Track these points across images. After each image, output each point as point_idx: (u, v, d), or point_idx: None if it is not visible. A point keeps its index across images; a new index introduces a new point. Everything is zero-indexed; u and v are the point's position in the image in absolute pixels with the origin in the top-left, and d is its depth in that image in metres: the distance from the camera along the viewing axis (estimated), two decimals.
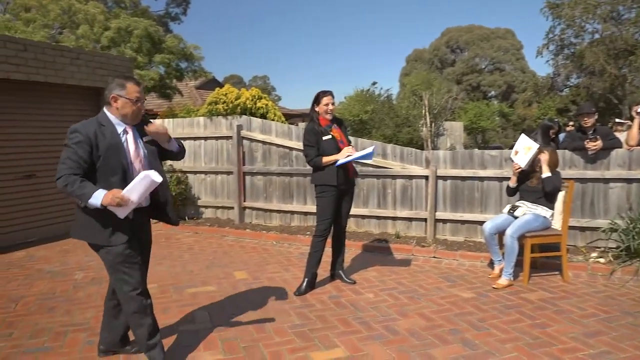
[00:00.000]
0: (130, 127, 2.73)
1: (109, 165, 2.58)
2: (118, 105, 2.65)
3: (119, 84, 2.66)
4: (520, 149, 4.54)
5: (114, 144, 2.60)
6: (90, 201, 2.46)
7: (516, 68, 42.28)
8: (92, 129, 2.57)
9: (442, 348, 3.06)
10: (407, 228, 6.19)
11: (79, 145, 2.52)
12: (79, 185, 2.46)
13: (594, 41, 21.74)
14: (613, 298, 4.00)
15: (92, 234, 2.64)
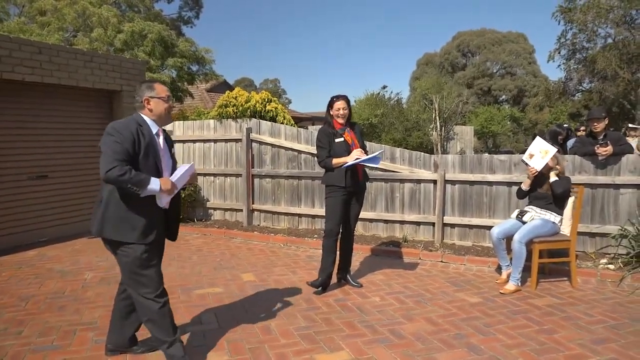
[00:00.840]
0: (161, 131, 2.84)
1: (147, 163, 2.66)
2: (152, 107, 2.75)
3: (148, 87, 2.77)
4: (535, 152, 4.48)
5: (152, 144, 2.70)
6: (150, 187, 2.57)
7: (527, 72, 42.02)
8: (134, 126, 2.65)
9: (447, 352, 3.05)
10: (415, 232, 6.18)
11: (125, 140, 2.57)
12: (135, 173, 2.54)
13: (606, 46, 21.53)
14: (622, 305, 3.96)
15: (123, 232, 2.65)
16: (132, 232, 2.64)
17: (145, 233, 2.68)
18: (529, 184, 4.58)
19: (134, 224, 2.65)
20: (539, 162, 4.43)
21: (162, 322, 2.75)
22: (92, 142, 7.04)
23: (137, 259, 2.67)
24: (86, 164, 6.82)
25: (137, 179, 2.53)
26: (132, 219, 2.65)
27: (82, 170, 6.81)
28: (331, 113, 4.24)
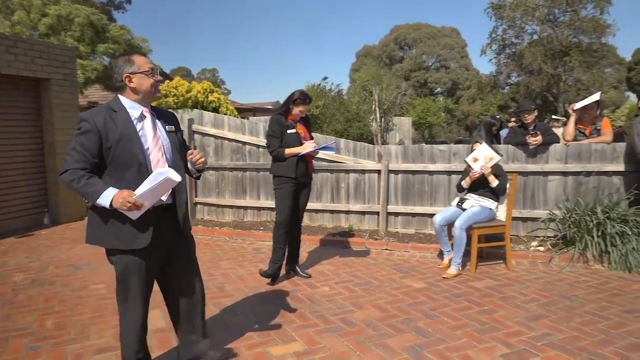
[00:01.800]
0: (148, 111, 2.39)
1: (121, 158, 2.26)
2: (134, 84, 2.33)
3: (125, 61, 2.34)
4: (480, 157, 4.65)
5: (126, 134, 2.27)
6: (98, 201, 2.18)
7: (461, 66, 43.84)
8: (102, 117, 2.26)
9: (397, 337, 3.15)
10: (360, 221, 6.30)
11: (86, 136, 2.23)
12: (86, 182, 2.19)
13: (532, 42, 22.89)
14: (552, 283, 4.27)
15: (107, 237, 2.31)
16: (118, 236, 2.29)
17: (137, 236, 2.29)
18: (469, 184, 4.77)
19: (121, 227, 2.28)
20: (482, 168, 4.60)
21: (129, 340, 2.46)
22: (18, 133, 6.56)
23: (128, 267, 2.33)
24: (10, 158, 6.34)
25: (84, 190, 2.19)
26: (118, 221, 2.27)
27: (5, 165, 6.33)
28: (290, 107, 4.21)
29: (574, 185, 5.40)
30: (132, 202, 2.14)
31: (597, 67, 22.92)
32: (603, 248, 4.68)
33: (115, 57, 2.42)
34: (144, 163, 2.29)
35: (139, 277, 2.36)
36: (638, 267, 4.52)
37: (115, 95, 2.42)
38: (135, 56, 2.37)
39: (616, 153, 5.29)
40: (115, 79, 2.36)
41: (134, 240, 2.29)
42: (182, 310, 2.62)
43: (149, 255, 2.36)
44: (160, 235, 2.37)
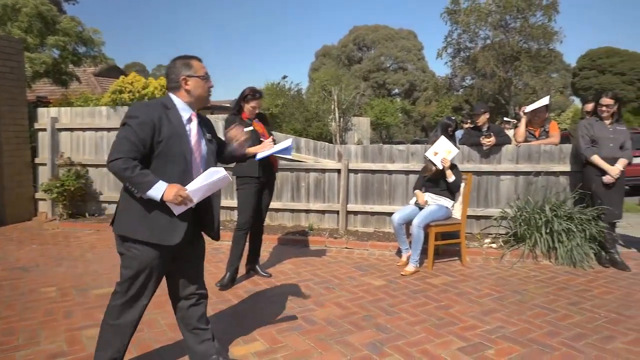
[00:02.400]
0: (195, 116, 2.45)
1: (169, 153, 2.29)
2: (189, 87, 2.39)
3: (184, 64, 2.41)
4: (440, 151, 4.81)
5: (178, 131, 2.32)
6: (149, 192, 2.19)
7: (418, 68, 44.80)
8: (157, 111, 2.29)
9: (357, 334, 3.20)
10: (320, 220, 6.34)
11: (141, 127, 2.22)
12: (140, 173, 2.18)
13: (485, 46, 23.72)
14: (504, 279, 4.45)
15: (141, 229, 2.28)
16: (151, 230, 2.28)
17: (174, 232, 2.31)
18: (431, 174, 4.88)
19: (156, 221, 2.28)
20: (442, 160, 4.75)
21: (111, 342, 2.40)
22: None
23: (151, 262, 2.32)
24: None
25: (137, 180, 2.18)
26: (156, 214, 2.28)
27: None
28: (242, 105, 4.17)
29: (524, 185, 5.65)
30: (184, 196, 2.21)
31: (545, 72, 24.05)
32: (551, 244, 4.92)
33: (174, 59, 2.46)
34: (190, 161, 2.35)
35: (153, 273, 2.37)
36: (582, 261, 4.78)
37: (167, 94, 2.46)
38: (193, 60, 2.44)
39: (563, 154, 5.57)
40: (171, 79, 2.43)
41: (169, 235, 2.31)
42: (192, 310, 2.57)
43: (171, 252, 2.38)
44: (188, 233, 2.39)
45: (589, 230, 4.85)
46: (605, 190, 4.84)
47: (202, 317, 2.59)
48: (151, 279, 2.38)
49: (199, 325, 2.58)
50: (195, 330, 2.58)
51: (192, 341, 2.58)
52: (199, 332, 2.58)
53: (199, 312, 2.58)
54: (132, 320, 2.41)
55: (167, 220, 2.30)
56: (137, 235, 2.29)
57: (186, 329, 2.59)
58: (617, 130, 4.90)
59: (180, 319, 2.59)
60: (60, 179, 6.58)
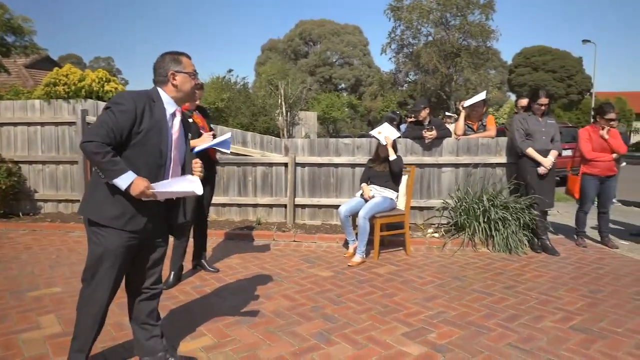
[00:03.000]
0: (179, 112, 2.46)
1: (147, 144, 2.29)
2: (177, 82, 2.40)
3: (173, 59, 2.42)
4: (383, 131, 5.08)
5: (160, 124, 2.33)
6: (115, 180, 2.18)
7: (363, 63, 45.41)
8: (142, 102, 2.29)
9: (305, 324, 3.24)
10: (268, 214, 6.33)
11: (122, 114, 2.22)
12: (111, 159, 2.17)
13: (428, 43, 24.44)
14: (445, 266, 4.65)
15: (105, 215, 2.28)
16: (114, 215, 2.28)
17: (132, 219, 2.31)
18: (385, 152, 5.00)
19: (121, 207, 2.28)
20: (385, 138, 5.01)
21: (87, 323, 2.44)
22: None
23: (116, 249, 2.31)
24: None
25: (107, 166, 2.17)
26: (120, 200, 2.27)
27: None
28: None
29: (464, 176, 5.91)
30: (149, 195, 2.22)
31: (483, 69, 25.12)
32: (488, 232, 5.19)
33: (164, 54, 2.46)
34: (165, 155, 2.36)
35: (116, 260, 2.34)
36: (517, 248, 5.08)
37: (153, 87, 2.45)
38: (182, 57, 2.46)
39: (499, 147, 5.87)
40: (158, 73, 2.43)
41: (131, 220, 2.31)
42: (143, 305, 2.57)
43: (134, 239, 2.37)
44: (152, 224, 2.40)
45: (522, 218, 5.15)
46: (538, 180, 5.16)
47: (153, 312, 2.59)
48: (114, 265, 2.35)
49: (149, 320, 2.58)
50: (145, 325, 2.58)
51: (141, 335, 2.59)
52: (147, 328, 2.58)
53: (150, 307, 2.58)
54: (98, 309, 2.40)
55: (134, 205, 2.30)
56: (102, 219, 2.29)
57: (135, 323, 2.59)
58: (548, 124, 5.23)
59: (131, 311, 2.59)
60: None
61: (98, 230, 2.31)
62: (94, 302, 2.40)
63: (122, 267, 2.41)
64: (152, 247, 2.52)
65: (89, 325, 2.43)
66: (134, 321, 2.60)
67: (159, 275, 2.62)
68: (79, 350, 2.44)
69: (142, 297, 2.56)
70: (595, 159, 5.31)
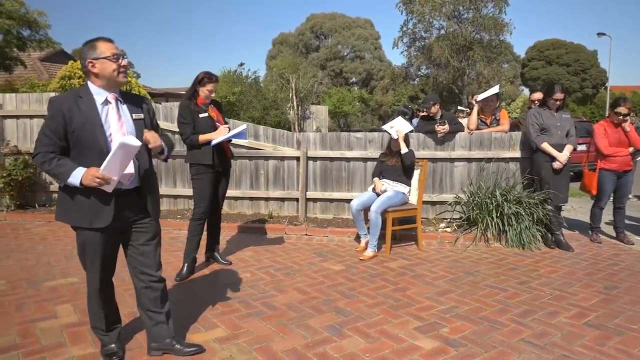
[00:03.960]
0: (113, 97, 2.44)
1: (83, 142, 2.35)
2: (97, 70, 2.37)
3: (89, 47, 2.38)
4: (396, 125, 5.04)
5: (90, 119, 2.36)
6: (69, 180, 2.29)
7: (374, 57, 45.10)
8: (68, 102, 2.35)
9: (317, 318, 3.26)
10: (280, 208, 6.35)
11: (53, 121, 2.33)
12: (57, 164, 2.30)
13: (440, 36, 24.20)
14: (458, 261, 4.63)
15: (72, 216, 2.43)
16: (82, 215, 2.40)
17: (98, 216, 2.40)
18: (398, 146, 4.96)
19: (84, 207, 2.39)
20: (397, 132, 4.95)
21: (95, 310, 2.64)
22: None
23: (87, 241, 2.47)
24: None
25: (56, 171, 2.30)
26: (82, 201, 2.39)
27: None
28: (197, 89, 4.08)
29: (476, 171, 5.87)
30: (100, 176, 2.24)
31: (496, 62, 24.83)
32: (501, 228, 5.15)
33: (83, 44, 2.44)
34: (105, 147, 2.36)
35: (95, 251, 2.49)
36: (530, 243, 5.04)
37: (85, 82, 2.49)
38: (99, 42, 2.40)
39: (512, 141, 5.82)
40: (82, 66, 2.43)
41: (95, 219, 2.41)
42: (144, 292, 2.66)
43: (107, 233, 2.47)
44: (121, 216, 2.48)
45: (536, 213, 5.10)
46: (553, 175, 5.10)
47: (156, 300, 2.67)
48: (96, 256, 2.50)
49: (152, 307, 2.67)
50: (149, 312, 2.68)
51: (147, 322, 2.70)
52: (151, 315, 2.68)
53: (152, 295, 2.65)
54: (95, 290, 2.58)
55: (94, 203, 2.40)
56: (69, 220, 2.46)
57: (141, 309, 2.71)
58: (563, 118, 5.16)
59: (137, 298, 2.70)
60: (7, 169, 6.26)
61: (74, 228, 2.50)
62: (90, 285, 2.59)
63: (106, 254, 2.54)
64: (135, 238, 2.60)
65: (94, 305, 2.63)
66: (139, 308, 2.71)
67: (156, 262, 2.67)
68: (94, 327, 2.69)
69: (143, 285, 2.65)
70: (613, 154, 5.24)
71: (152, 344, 2.69)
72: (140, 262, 2.62)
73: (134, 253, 2.62)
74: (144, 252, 2.62)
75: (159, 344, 2.68)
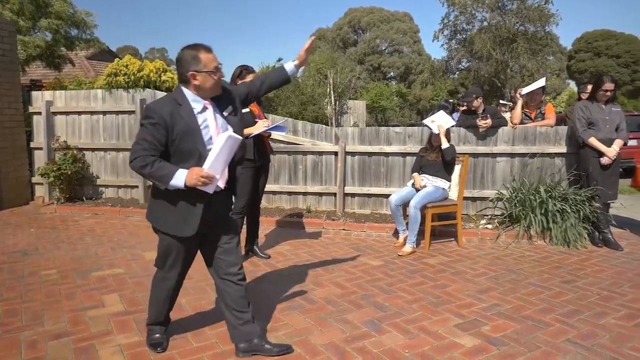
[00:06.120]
0: (209, 104, 2.47)
1: (183, 149, 2.38)
2: (198, 82, 2.40)
3: (192, 58, 2.38)
4: (437, 120, 4.98)
5: (191, 126, 2.38)
6: (172, 182, 2.31)
7: (413, 51, 44.42)
8: (168, 109, 2.35)
9: (356, 312, 3.26)
10: (318, 203, 6.38)
11: (155, 127, 2.33)
12: (158, 166, 2.32)
13: (482, 28, 23.56)
14: (499, 258, 4.52)
15: (161, 222, 2.50)
16: (172, 223, 2.47)
17: (187, 224, 2.45)
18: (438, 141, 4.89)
19: (172, 215, 2.46)
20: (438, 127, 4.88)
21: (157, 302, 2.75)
22: None
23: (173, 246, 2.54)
24: None
25: (158, 174, 2.32)
26: (170, 209, 2.45)
27: None
28: (237, 82, 4.14)
29: (520, 166, 5.70)
30: (205, 175, 2.28)
31: (541, 55, 23.98)
32: (545, 225, 4.98)
33: (183, 50, 2.43)
34: (204, 154, 2.38)
35: (178, 256, 2.58)
36: (576, 241, 4.86)
37: (178, 86, 2.48)
38: (201, 52, 2.39)
39: (558, 136, 5.61)
40: (180, 73, 2.43)
41: (184, 227, 2.46)
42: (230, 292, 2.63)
43: (192, 238, 2.52)
44: (208, 221, 2.50)
45: (582, 211, 4.91)
46: (601, 171, 4.89)
47: (242, 299, 2.63)
48: (178, 259, 2.59)
49: (239, 307, 2.62)
50: (235, 312, 2.62)
51: (234, 321, 2.64)
52: (238, 314, 2.62)
53: (238, 294, 2.62)
54: (167, 289, 2.68)
55: (184, 211, 2.43)
56: (159, 225, 2.52)
57: (226, 309, 2.66)
58: (613, 112, 4.93)
59: (220, 298, 2.68)
60: (57, 163, 6.57)
61: (159, 231, 2.55)
62: (166, 283, 2.67)
63: (187, 256, 2.63)
64: (215, 240, 2.60)
65: (161, 300, 2.71)
66: (224, 307, 2.65)
67: (239, 259, 2.66)
68: (153, 323, 2.77)
69: (229, 284, 2.60)
70: None
71: (241, 345, 2.63)
72: (225, 262, 2.60)
73: (218, 253, 2.60)
74: (228, 249, 2.61)
75: (247, 344, 2.62)
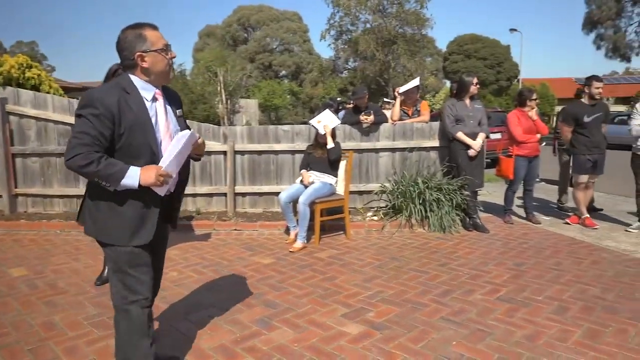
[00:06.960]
0: (160, 94, 2.14)
1: (132, 145, 2.01)
2: (147, 64, 2.04)
3: (136, 36, 2.02)
4: (323, 120, 5.15)
5: (141, 119, 2.02)
6: (123, 182, 1.95)
7: (303, 50, 45.27)
8: (115, 98, 1.96)
9: (247, 312, 3.24)
10: (208, 204, 6.23)
11: (99, 119, 1.92)
12: (106, 164, 1.92)
13: (366, 30, 24.74)
14: (384, 248, 4.80)
15: (108, 233, 2.08)
16: (120, 232, 2.07)
17: (139, 232, 2.09)
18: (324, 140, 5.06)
19: (122, 223, 2.06)
20: (324, 127, 5.07)
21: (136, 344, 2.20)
22: None
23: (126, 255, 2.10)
24: None
25: (106, 172, 1.92)
26: (119, 216, 2.06)
27: None
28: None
29: (400, 160, 6.09)
30: (164, 174, 2.00)
31: (419, 56, 25.82)
32: (424, 214, 5.39)
33: (124, 30, 2.06)
34: (157, 153, 2.08)
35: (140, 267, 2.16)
36: (450, 227, 5.33)
37: (124, 73, 2.11)
38: (146, 30, 2.06)
39: (432, 131, 6.09)
40: (124, 57, 2.06)
41: (136, 234, 2.10)
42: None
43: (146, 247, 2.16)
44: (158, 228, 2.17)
45: (455, 199, 5.40)
46: (469, 162, 5.42)
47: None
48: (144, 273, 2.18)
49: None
50: None
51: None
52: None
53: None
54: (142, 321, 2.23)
55: (135, 215, 2.09)
56: (107, 237, 2.11)
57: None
58: (476, 108, 5.48)
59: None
60: None
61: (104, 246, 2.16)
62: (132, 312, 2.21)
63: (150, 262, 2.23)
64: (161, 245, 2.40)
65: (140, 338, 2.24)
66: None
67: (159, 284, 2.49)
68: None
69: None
70: (526, 141, 5.65)
71: None
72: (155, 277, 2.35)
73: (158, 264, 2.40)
74: (157, 269, 2.37)
75: None
